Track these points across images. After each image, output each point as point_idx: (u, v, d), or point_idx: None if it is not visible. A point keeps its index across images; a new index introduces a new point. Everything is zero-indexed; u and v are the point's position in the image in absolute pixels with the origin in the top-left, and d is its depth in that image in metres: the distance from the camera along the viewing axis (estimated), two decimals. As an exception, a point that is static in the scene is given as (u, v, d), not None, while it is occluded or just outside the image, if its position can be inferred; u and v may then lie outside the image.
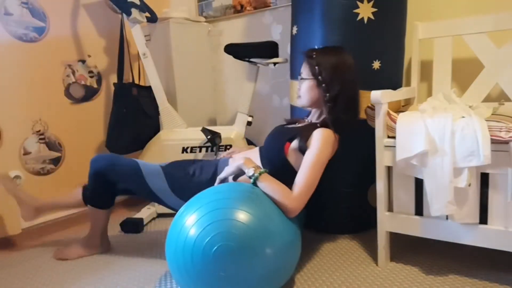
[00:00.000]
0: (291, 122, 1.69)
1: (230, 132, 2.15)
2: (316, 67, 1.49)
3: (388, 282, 1.42)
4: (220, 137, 2.07)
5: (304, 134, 1.46)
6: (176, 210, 1.56)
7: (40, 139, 2.11)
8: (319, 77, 1.49)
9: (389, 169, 1.50)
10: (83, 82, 2.30)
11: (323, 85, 1.48)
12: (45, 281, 1.59)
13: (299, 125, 1.60)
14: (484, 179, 1.31)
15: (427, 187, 1.34)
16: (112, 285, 1.52)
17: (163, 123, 2.23)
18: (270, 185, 1.33)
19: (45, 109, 2.12)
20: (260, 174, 1.34)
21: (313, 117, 1.61)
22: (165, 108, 2.22)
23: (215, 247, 1.15)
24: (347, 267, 1.55)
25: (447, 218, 1.38)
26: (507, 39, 1.68)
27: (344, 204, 1.84)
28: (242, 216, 1.19)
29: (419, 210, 1.44)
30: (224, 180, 1.43)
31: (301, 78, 1.56)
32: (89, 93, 2.34)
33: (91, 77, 2.35)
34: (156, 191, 1.60)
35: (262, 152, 1.56)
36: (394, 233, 1.51)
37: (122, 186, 1.66)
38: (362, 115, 1.66)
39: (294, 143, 1.46)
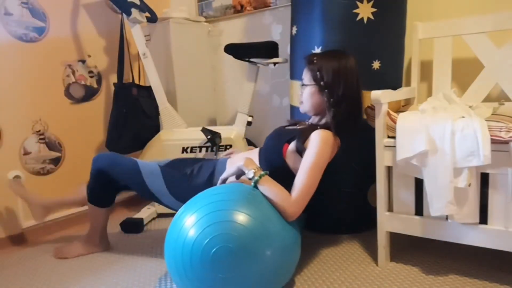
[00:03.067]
0: (293, 123, 1.68)
1: (230, 132, 2.15)
2: (318, 73, 1.48)
3: (388, 282, 1.42)
4: (220, 137, 2.07)
5: (303, 135, 1.45)
6: (174, 210, 1.57)
7: (40, 139, 2.11)
8: (321, 83, 1.47)
9: (389, 169, 1.50)
10: (83, 82, 2.30)
11: (326, 90, 1.47)
12: (45, 281, 1.59)
13: (299, 127, 1.59)
14: (484, 179, 1.31)
15: (427, 187, 1.34)
16: (112, 285, 1.52)
17: (163, 123, 2.23)
18: (270, 188, 1.32)
19: (45, 109, 2.12)
20: (260, 177, 1.33)
21: (314, 120, 1.60)
22: (165, 108, 2.22)
23: (214, 249, 1.15)
24: (347, 267, 1.55)
25: (447, 218, 1.38)
26: (507, 39, 1.68)
27: (344, 204, 1.84)
28: (241, 218, 1.19)
29: (419, 210, 1.44)
30: (225, 181, 1.43)
31: (303, 84, 1.55)
32: (89, 93, 2.34)
33: (91, 77, 2.35)
34: (154, 191, 1.60)
35: (261, 152, 1.56)
36: (394, 233, 1.51)
37: (122, 184, 1.67)
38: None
39: (292, 145, 1.46)
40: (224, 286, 1.17)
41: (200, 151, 2.14)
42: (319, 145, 1.40)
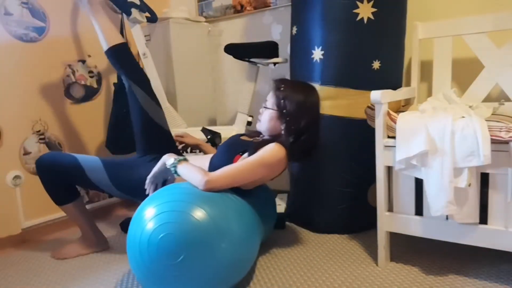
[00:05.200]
0: (251, 135, 1.68)
1: (230, 132, 2.14)
2: (282, 101, 1.50)
3: (388, 282, 1.42)
4: (220, 137, 2.07)
5: (256, 147, 1.47)
6: (127, 200, 1.64)
7: (40, 139, 2.11)
8: (284, 111, 1.49)
9: (389, 169, 1.50)
10: (83, 82, 2.30)
11: (287, 118, 1.49)
12: (45, 281, 1.59)
13: (255, 140, 1.59)
14: (484, 179, 1.31)
15: (427, 187, 1.34)
16: (112, 285, 1.52)
17: (163, 123, 2.22)
18: (187, 167, 1.36)
19: (45, 109, 2.12)
20: (179, 161, 1.38)
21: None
22: (165, 108, 2.21)
23: (160, 236, 1.19)
24: (347, 267, 1.55)
25: (447, 218, 1.38)
26: (507, 39, 1.68)
27: (344, 204, 1.84)
28: (193, 209, 1.23)
29: (419, 210, 1.44)
30: (154, 179, 1.47)
31: (265, 107, 1.57)
32: (89, 93, 2.34)
33: (91, 77, 2.35)
34: (99, 185, 1.64)
35: (212, 160, 1.57)
36: (394, 233, 1.51)
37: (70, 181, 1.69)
38: (362, 115, 1.67)
39: (245, 155, 1.47)
40: (172, 275, 1.20)
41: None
42: (267, 151, 1.43)
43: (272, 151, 1.44)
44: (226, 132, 2.12)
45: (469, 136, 1.25)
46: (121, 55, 1.74)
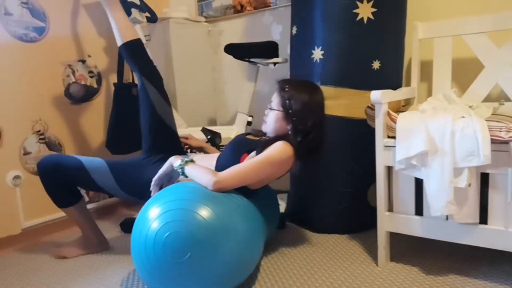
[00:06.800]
0: (257, 134, 1.68)
1: (230, 132, 2.15)
2: (287, 101, 1.49)
3: (388, 282, 1.42)
4: (220, 137, 2.07)
5: (264, 145, 1.46)
6: (133, 202, 1.62)
7: (40, 139, 2.11)
8: (289, 111, 1.49)
9: (389, 169, 1.50)
10: (83, 82, 2.30)
11: (294, 118, 1.48)
12: (45, 281, 1.59)
13: (262, 139, 1.58)
14: (484, 179, 1.31)
15: (427, 187, 1.34)
16: (112, 285, 1.52)
17: (163, 123, 2.22)
18: (195, 168, 1.37)
19: (45, 109, 2.12)
20: (186, 162, 1.38)
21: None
22: (165, 108, 2.21)
23: (167, 234, 1.19)
24: (347, 267, 1.55)
25: (447, 218, 1.38)
26: (507, 39, 1.68)
27: (344, 204, 1.84)
28: (199, 208, 1.23)
29: (419, 210, 1.44)
30: (160, 180, 1.46)
31: (270, 108, 1.56)
32: (89, 93, 2.34)
33: (91, 77, 2.35)
34: (105, 187, 1.62)
35: (218, 159, 1.57)
36: (394, 233, 1.51)
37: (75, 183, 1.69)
38: (362, 115, 1.66)
39: (252, 154, 1.47)
40: (177, 274, 1.20)
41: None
42: (275, 150, 1.43)
43: (280, 149, 1.43)
44: (226, 132, 2.12)
45: (469, 136, 1.25)
46: (135, 51, 1.74)
